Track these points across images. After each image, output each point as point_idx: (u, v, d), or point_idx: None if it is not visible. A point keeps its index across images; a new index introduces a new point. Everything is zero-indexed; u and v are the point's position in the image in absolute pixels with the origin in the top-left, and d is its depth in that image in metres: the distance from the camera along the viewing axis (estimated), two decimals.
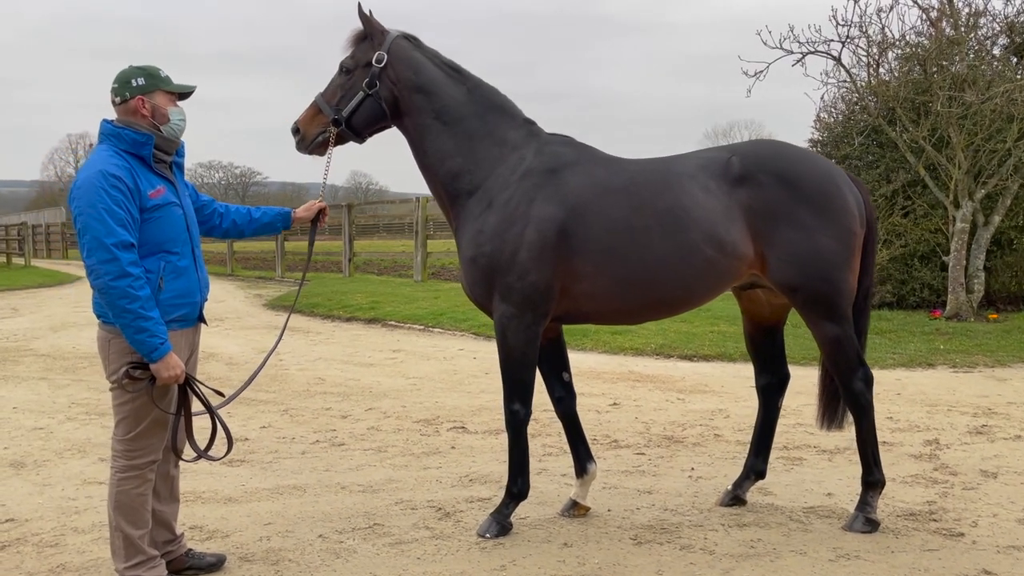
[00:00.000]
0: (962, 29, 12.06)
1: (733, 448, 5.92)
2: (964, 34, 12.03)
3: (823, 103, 15.58)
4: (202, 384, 3.70)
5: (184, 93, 3.66)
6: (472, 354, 10.23)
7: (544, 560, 4.01)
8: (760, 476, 4.77)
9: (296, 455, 5.88)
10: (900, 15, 28.17)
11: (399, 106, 4.37)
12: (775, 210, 4.15)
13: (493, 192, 4.24)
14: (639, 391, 7.91)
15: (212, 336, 11.30)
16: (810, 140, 14.11)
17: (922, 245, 12.55)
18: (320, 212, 4.28)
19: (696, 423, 6.66)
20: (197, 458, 3.73)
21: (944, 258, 12.34)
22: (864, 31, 12.30)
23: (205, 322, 3.82)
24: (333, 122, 4.31)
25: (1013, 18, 12.55)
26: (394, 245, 33.26)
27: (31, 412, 7.24)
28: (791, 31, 12.50)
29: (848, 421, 4.66)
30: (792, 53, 12.40)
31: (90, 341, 11.28)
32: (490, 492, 4.98)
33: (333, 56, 4.42)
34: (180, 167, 3.75)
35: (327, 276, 22.10)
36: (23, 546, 4.24)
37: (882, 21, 13.32)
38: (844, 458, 5.60)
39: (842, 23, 12.19)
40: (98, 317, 3.54)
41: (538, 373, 4.43)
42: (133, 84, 3.52)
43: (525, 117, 4.47)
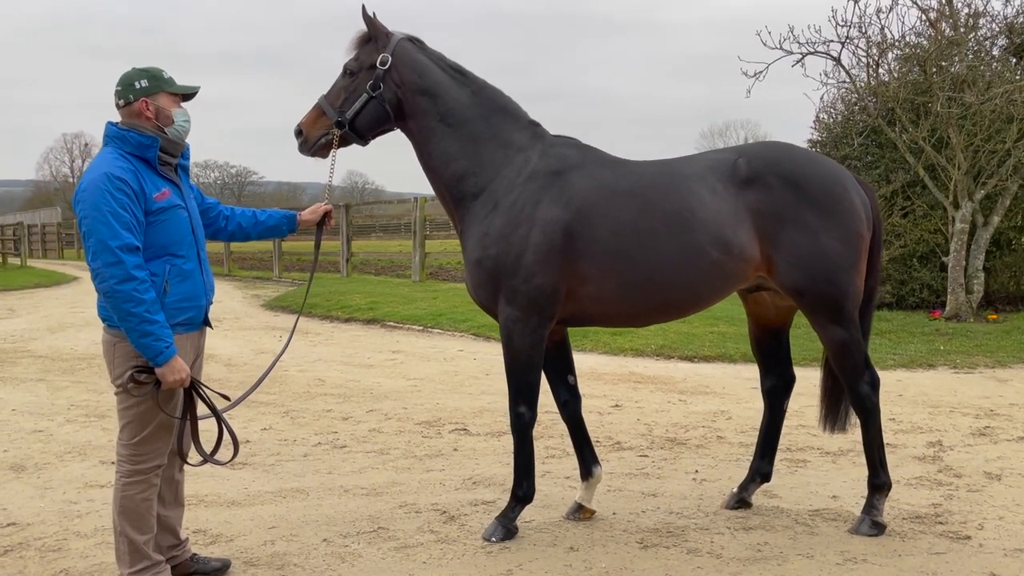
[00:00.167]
0: (961, 30, 12.07)
1: (736, 450, 5.91)
2: (963, 35, 12.04)
3: (822, 104, 15.60)
4: (208, 388, 3.68)
5: (188, 94, 3.64)
6: (472, 355, 10.21)
7: (551, 564, 3.99)
8: (766, 479, 4.76)
9: (298, 457, 5.86)
10: (900, 16, 28.18)
11: (403, 108, 4.35)
12: (782, 212, 4.13)
13: (498, 194, 4.22)
14: (640, 392, 7.90)
15: (210, 337, 11.12)
16: (809, 141, 14.12)
17: (921, 245, 12.57)
18: (326, 215, 4.25)
19: (698, 425, 6.65)
20: (203, 462, 3.71)
21: (943, 258, 12.36)
22: (864, 32, 12.33)
23: (211, 325, 3.80)
24: (336, 124, 4.29)
25: (1012, 19, 12.57)
26: (391, 245, 33.22)
27: (30, 414, 7.20)
28: (791, 31, 12.55)
29: (851, 423, 4.66)
30: (792, 54, 12.42)
31: (88, 342, 11.25)
32: (494, 495, 4.96)
33: (328, 56, 4.44)
34: (185, 169, 3.72)
35: (325, 276, 22.02)
36: (26, 551, 4.21)
37: (881, 22, 13.42)
38: (847, 460, 5.60)
39: (842, 24, 12.22)
40: (103, 321, 3.51)
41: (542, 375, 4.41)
42: (137, 86, 3.49)
43: (530, 119, 4.44)
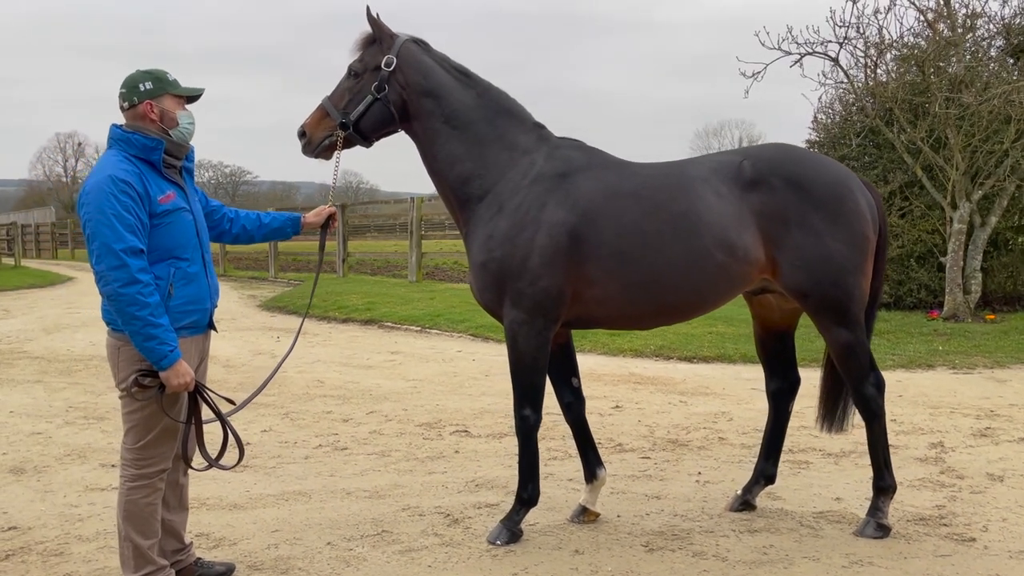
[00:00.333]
0: (959, 30, 12.09)
1: (738, 452, 5.91)
2: (961, 35, 12.06)
3: (820, 104, 15.60)
4: (212, 391, 3.66)
5: (192, 96, 3.62)
6: (471, 356, 10.19)
7: (557, 568, 3.98)
8: (770, 481, 4.75)
9: (299, 460, 5.83)
10: (898, 16, 28.33)
11: (408, 110, 4.34)
12: (787, 215, 4.12)
13: (503, 197, 4.21)
14: (641, 393, 7.89)
15: None
16: (807, 141, 14.13)
17: (919, 246, 12.60)
18: (330, 217, 4.23)
19: (700, 426, 6.64)
20: (208, 467, 3.69)
21: (941, 259, 12.38)
22: (862, 32, 12.33)
23: (215, 328, 3.77)
24: (340, 126, 4.27)
25: (1009, 20, 12.60)
26: (386, 245, 33.12)
27: (28, 416, 7.16)
28: (789, 32, 12.55)
29: (852, 424, 4.67)
30: (790, 54, 12.43)
31: (84, 343, 11.21)
32: (497, 497, 4.95)
33: (324, 55, 4.37)
34: (190, 172, 3.70)
35: (321, 276, 21.91)
36: (28, 555, 4.18)
37: (880, 22, 13.43)
38: (850, 461, 5.60)
39: (840, 24, 12.23)
40: (107, 324, 3.49)
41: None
42: (141, 89, 3.47)
43: (535, 121, 4.43)
